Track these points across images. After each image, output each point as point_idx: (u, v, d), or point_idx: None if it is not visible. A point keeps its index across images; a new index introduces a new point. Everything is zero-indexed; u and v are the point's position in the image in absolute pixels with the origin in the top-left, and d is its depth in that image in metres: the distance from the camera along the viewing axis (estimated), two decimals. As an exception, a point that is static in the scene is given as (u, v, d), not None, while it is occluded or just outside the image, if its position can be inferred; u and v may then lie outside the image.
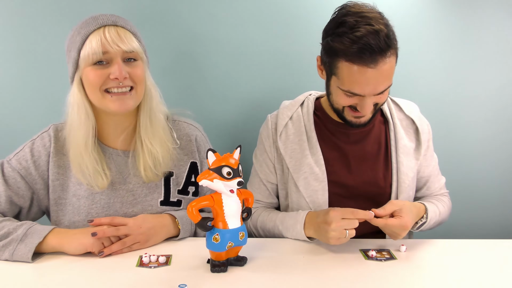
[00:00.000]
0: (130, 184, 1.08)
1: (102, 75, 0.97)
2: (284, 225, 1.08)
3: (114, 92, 0.99)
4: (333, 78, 1.03)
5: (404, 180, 1.13)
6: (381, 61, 0.95)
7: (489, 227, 1.62)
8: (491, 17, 1.49)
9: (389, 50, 0.96)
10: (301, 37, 1.48)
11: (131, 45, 0.98)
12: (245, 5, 1.46)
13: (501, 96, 1.54)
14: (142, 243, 0.99)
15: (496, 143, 1.57)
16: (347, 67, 0.97)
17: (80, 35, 0.97)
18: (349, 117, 1.07)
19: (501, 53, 1.51)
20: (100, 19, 0.98)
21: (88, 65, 0.97)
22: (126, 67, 0.99)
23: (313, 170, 1.11)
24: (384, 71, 0.97)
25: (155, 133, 1.06)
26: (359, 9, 0.98)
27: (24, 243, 0.92)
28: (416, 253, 0.99)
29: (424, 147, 1.17)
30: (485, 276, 0.87)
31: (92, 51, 0.95)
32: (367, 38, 0.93)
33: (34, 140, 1.07)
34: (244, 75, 1.50)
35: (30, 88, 1.46)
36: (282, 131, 1.16)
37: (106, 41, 0.95)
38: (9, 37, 1.42)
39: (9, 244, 0.92)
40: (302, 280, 0.85)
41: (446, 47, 1.51)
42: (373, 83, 0.98)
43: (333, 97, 1.06)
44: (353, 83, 0.98)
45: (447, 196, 1.25)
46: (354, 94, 1.00)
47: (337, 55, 0.98)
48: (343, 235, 0.93)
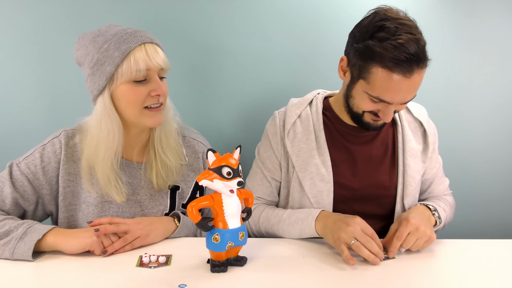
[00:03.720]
0: (138, 195, 1.10)
1: (143, 93, 0.99)
2: (292, 218, 1.07)
3: (152, 108, 1.02)
4: (361, 82, 1.00)
5: (410, 182, 1.12)
6: (416, 71, 0.94)
7: (490, 227, 1.62)
8: (491, 16, 1.49)
9: (425, 61, 0.95)
10: (301, 37, 1.48)
11: (166, 62, 1.02)
12: (249, 6, 1.46)
13: (502, 96, 1.54)
14: (143, 238, 0.99)
15: (497, 144, 1.57)
16: (382, 73, 0.95)
17: (119, 51, 0.97)
18: (367, 119, 1.06)
19: (502, 53, 1.51)
20: (138, 35, 0.99)
21: (126, 81, 0.98)
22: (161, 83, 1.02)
23: (319, 171, 1.11)
24: (416, 81, 0.96)
25: (169, 143, 1.10)
26: (397, 16, 0.97)
27: (23, 241, 0.92)
28: (416, 253, 0.99)
29: (431, 149, 1.17)
30: (485, 276, 0.87)
31: (136, 68, 0.97)
32: (408, 46, 0.91)
33: (44, 145, 1.07)
34: (244, 75, 1.50)
35: (30, 88, 1.46)
36: (290, 129, 1.15)
37: (149, 59, 0.98)
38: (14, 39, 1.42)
39: (9, 242, 0.92)
40: (301, 280, 0.85)
41: (447, 47, 1.51)
42: (404, 93, 0.97)
43: (356, 100, 1.05)
44: (384, 90, 0.96)
45: (450, 196, 1.25)
46: (382, 101, 0.99)
47: (374, 60, 0.95)
48: (350, 241, 0.93)
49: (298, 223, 1.06)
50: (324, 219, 1.02)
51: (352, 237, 0.93)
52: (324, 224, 1.01)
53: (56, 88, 1.46)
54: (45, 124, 1.47)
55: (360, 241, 0.92)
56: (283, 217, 1.09)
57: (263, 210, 1.16)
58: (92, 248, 0.94)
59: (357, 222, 0.95)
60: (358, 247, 0.92)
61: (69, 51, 1.42)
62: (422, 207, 1.08)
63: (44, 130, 1.46)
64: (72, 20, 1.43)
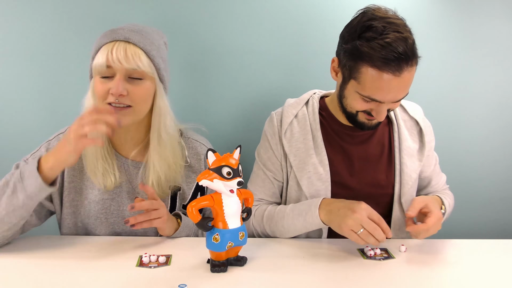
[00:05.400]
0: (139, 194, 1.10)
1: (104, 88, 0.99)
2: (295, 212, 1.07)
3: (113, 106, 1.00)
4: (352, 82, 1.01)
5: (407, 181, 1.13)
6: (405, 69, 0.94)
7: (489, 227, 1.62)
8: (491, 17, 1.49)
9: (414, 58, 0.96)
10: (301, 38, 1.48)
11: (136, 64, 0.98)
12: (248, 7, 1.46)
13: (501, 95, 1.54)
14: (163, 220, 1.00)
15: (496, 143, 1.57)
16: (372, 73, 0.95)
17: (96, 44, 1.01)
18: (362, 119, 1.07)
19: (501, 53, 1.51)
20: (115, 33, 1.00)
21: (96, 75, 1.00)
22: (128, 84, 0.99)
23: (317, 170, 1.11)
24: (407, 79, 0.96)
25: (162, 154, 1.07)
26: (385, 14, 0.97)
27: (27, 179, 0.91)
28: (416, 253, 0.99)
29: (428, 148, 1.17)
30: (485, 276, 0.87)
31: (98, 63, 0.98)
32: (396, 45, 0.92)
33: (50, 141, 1.09)
34: (244, 75, 1.50)
35: (30, 88, 1.46)
36: (287, 129, 1.16)
37: (111, 57, 0.97)
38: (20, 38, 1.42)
39: (16, 188, 0.91)
40: (301, 280, 0.85)
41: (446, 47, 1.51)
42: (395, 91, 0.97)
43: (348, 100, 1.05)
44: (375, 89, 0.97)
45: (448, 190, 1.27)
46: (374, 100, 0.99)
47: (362, 60, 0.96)
48: (358, 229, 0.92)
49: (302, 215, 1.05)
50: (327, 206, 1.02)
51: (359, 225, 0.92)
52: (328, 211, 1.01)
53: (56, 88, 1.46)
54: (45, 124, 1.47)
55: (367, 229, 0.92)
56: (286, 212, 1.09)
57: (266, 209, 1.15)
58: (84, 145, 0.90)
59: (363, 208, 0.95)
60: (366, 236, 0.92)
61: (69, 51, 1.44)
62: (440, 201, 1.10)
63: (44, 130, 1.47)
64: (72, 20, 1.43)
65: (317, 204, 1.03)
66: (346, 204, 0.98)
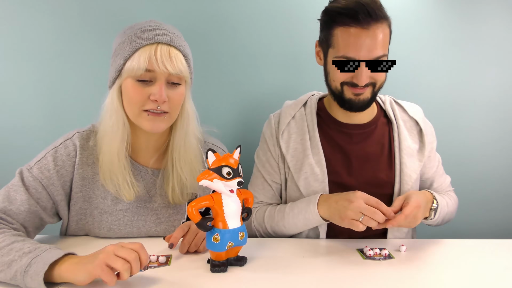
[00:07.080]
0: (155, 203, 1.07)
1: (143, 94, 0.94)
2: (295, 210, 1.07)
3: (151, 112, 0.96)
4: (330, 52, 1.05)
5: (407, 181, 1.13)
6: (373, 24, 0.98)
7: (490, 227, 1.62)
8: (491, 17, 1.49)
9: (382, 17, 0.99)
10: (301, 38, 1.48)
11: (179, 68, 0.95)
12: (248, 6, 1.46)
13: (502, 97, 1.54)
14: (202, 234, 0.96)
15: (497, 144, 1.57)
16: (342, 31, 1.00)
17: (130, 45, 0.94)
18: (348, 95, 1.07)
19: (502, 54, 1.51)
20: (155, 34, 0.94)
21: (131, 78, 0.95)
22: (168, 90, 0.96)
23: (313, 171, 1.11)
24: (377, 35, 0.99)
25: (186, 158, 1.04)
26: None
27: (29, 275, 0.77)
28: (416, 253, 0.99)
29: (428, 148, 1.17)
30: (486, 276, 0.87)
31: (137, 66, 0.92)
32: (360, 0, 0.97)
33: (56, 148, 1.01)
34: (244, 75, 1.50)
35: (30, 88, 1.46)
36: (284, 130, 1.16)
37: (156, 60, 0.92)
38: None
39: (15, 277, 0.78)
40: (301, 280, 0.85)
41: (447, 48, 1.51)
42: (367, 47, 0.99)
43: (331, 75, 1.07)
44: (346, 46, 1.00)
45: (453, 192, 1.26)
46: (349, 59, 1.01)
47: (333, 21, 1.02)
48: (358, 217, 0.94)
49: (301, 213, 1.06)
50: (325, 202, 1.03)
51: (359, 213, 0.94)
52: (327, 207, 1.02)
53: (56, 88, 1.46)
54: (45, 124, 1.47)
55: (367, 215, 0.93)
56: (286, 211, 1.09)
57: (266, 210, 1.16)
58: (101, 276, 0.76)
59: (359, 196, 0.96)
60: (368, 221, 0.94)
61: (69, 51, 1.44)
62: (430, 197, 1.08)
63: (44, 130, 1.47)
64: (72, 20, 1.43)
65: (315, 201, 1.04)
66: (342, 196, 0.99)
